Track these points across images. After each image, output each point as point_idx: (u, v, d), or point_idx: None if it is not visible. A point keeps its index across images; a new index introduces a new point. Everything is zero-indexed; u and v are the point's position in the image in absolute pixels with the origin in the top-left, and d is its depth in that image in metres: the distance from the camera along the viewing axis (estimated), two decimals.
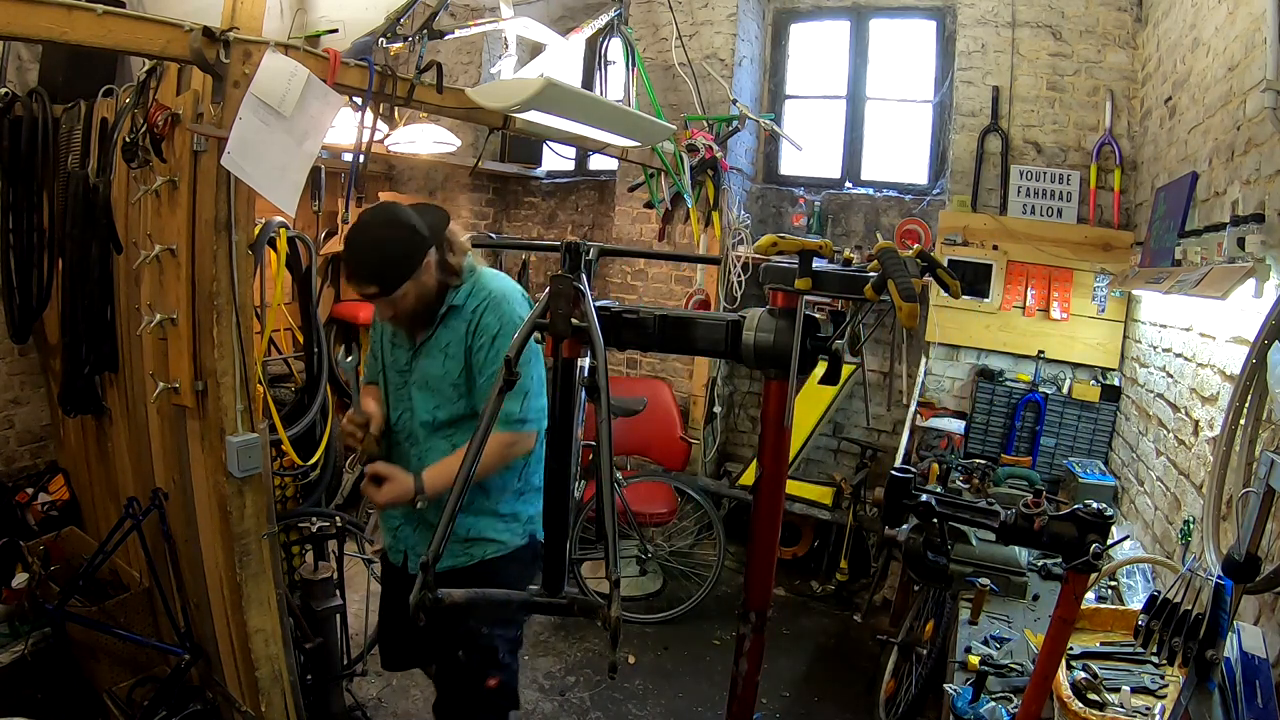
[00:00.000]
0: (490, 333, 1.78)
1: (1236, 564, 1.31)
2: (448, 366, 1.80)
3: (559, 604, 1.08)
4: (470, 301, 1.81)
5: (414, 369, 1.85)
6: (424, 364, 1.84)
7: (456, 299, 1.81)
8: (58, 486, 3.15)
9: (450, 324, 1.81)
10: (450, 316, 1.81)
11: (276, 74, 1.80)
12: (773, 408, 1.14)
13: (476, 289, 1.82)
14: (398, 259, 1.69)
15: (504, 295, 1.83)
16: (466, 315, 1.80)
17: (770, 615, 1.23)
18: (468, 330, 1.78)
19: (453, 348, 1.80)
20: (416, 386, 1.84)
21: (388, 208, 1.79)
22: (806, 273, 1.05)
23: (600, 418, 1.08)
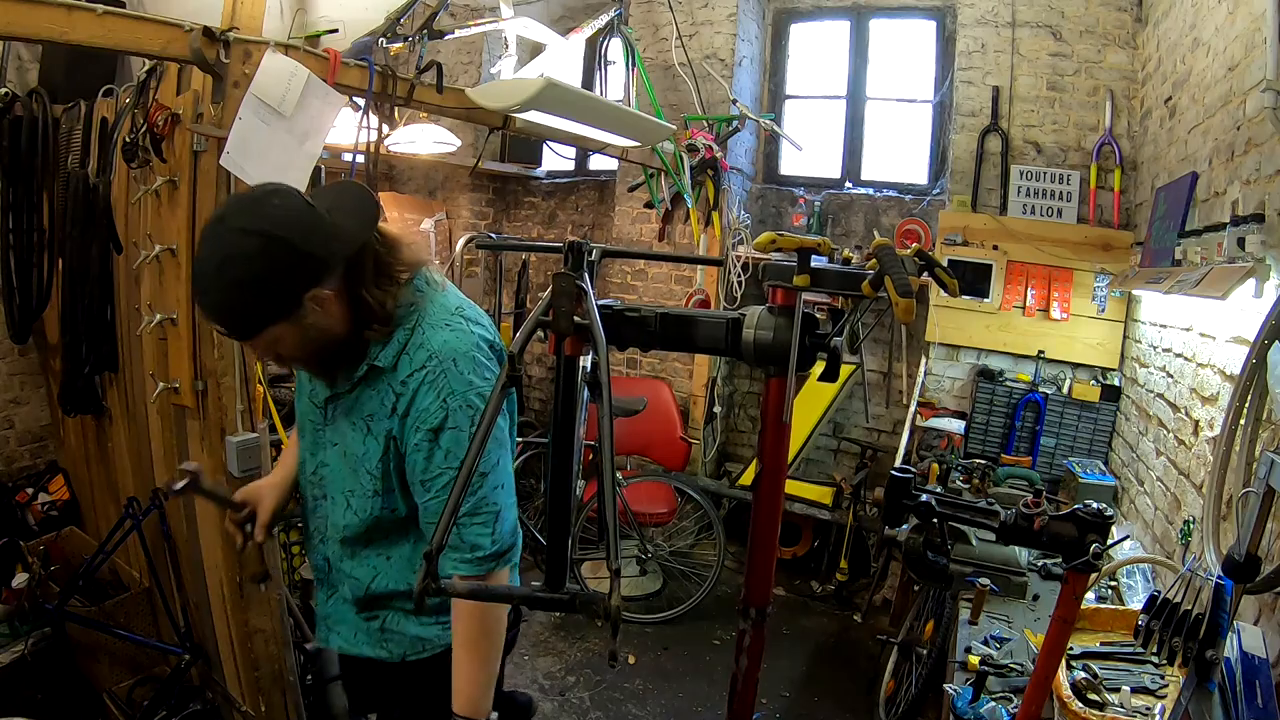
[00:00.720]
0: (430, 423, 1.17)
1: (1236, 564, 1.31)
2: (367, 445, 1.24)
3: (561, 599, 1.08)
4: (403, 365, 1.20)
5: (331, 419, 1.31)
6: (342, 426, 1.28)
7: (381, 358, 1.21)
8: (58, 486, 3.15)
9: (375, 386, 1.23)
10: (373, 378, 1.23)
11: (276, 74, 1.80)
12: (772, 404, 1.15)
13: (414, 343, 1.20)
14: (251, 292, 1.08)
15: (453, 356, 1.19)
16: (396, 384, 1.20)
17: (770, 611, 1.23)
18: (395, 410, 1.20)
19: (376, 422, 1.23)
20: (333, 442, 1.31)
21: (260, 200, 1.12)
22: (805, 270, 1.06)
23: (602, 412, 1.08)
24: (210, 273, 1.09)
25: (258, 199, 1.13)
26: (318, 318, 1.14)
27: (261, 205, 1.10)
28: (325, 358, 1.21)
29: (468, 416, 1.18)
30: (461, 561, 1.20)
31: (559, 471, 1.13)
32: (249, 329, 1.12)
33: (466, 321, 1.25)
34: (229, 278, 1.07)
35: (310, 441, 1.35)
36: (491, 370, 1.23)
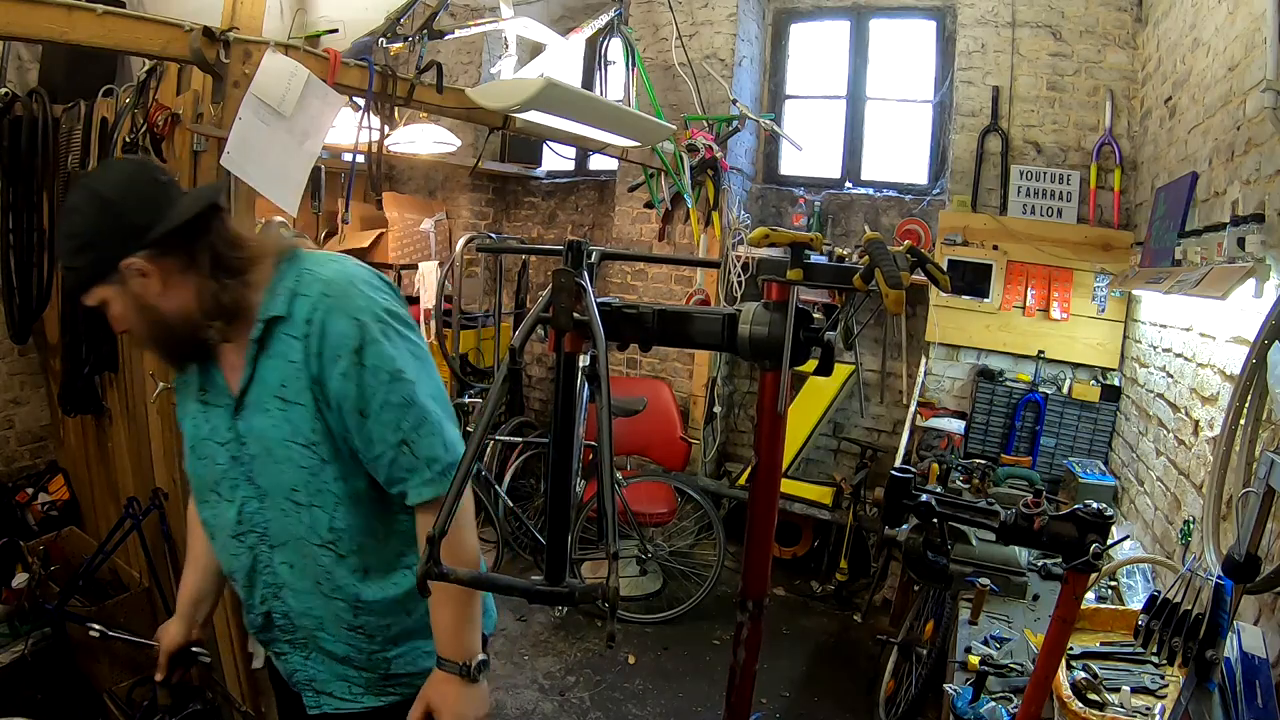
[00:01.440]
0: (350, 345, 1.12)
1: (1236, 564, 1.31)
2: (292, 417, 1.14)
3: (561, 593, 1.08)
4: (300, 307, 1.13)
5: (245, 435, 1.17)
6: (256, 424, 1.16)
7: (275, 307, 1.14)
8: (58, 486, 3.16)
9: (276, 351, 1.14)
10: (272, 340, 1.14)
11: (276, 74, 1.80)
12: (768, 397, 1.16)
13: (304, 284, 1.15)
14: (75, 246, 1.10)
15: (347, 282, 1.16)
16: (299, 329, 1.13)
17: (768, 604, 1.24)
18: (309, 352, 1.12)
19: (290, 385, 1.14)
20: (259, 465, 1.17)
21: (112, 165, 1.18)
22: (798, 264, 1.07)
23: (600, 404, 1.09)
24: (66, 216, 1.12)
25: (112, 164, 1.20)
26: (143, 290, 1.11)
27: (109, 169, 1.18)
28: (162, 341, 1.16)
29: (381, 330, 1.13)
30: (425, 483, 1.15)
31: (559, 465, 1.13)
32: (78, 284, 1.12)
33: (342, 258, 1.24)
34: (64, 229, 1.11)
35: (224, 491, 1.21)
36: (392, 293, 1.21)
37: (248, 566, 1.23)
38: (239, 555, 1.23)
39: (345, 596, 1.21)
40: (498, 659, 3.17)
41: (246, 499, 1.19)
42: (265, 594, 1.24)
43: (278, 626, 1.26)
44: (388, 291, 1.20)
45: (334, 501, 1.17)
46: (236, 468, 1.19)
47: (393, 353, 1.14)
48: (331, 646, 1.23)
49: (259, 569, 1.22)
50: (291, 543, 1.19)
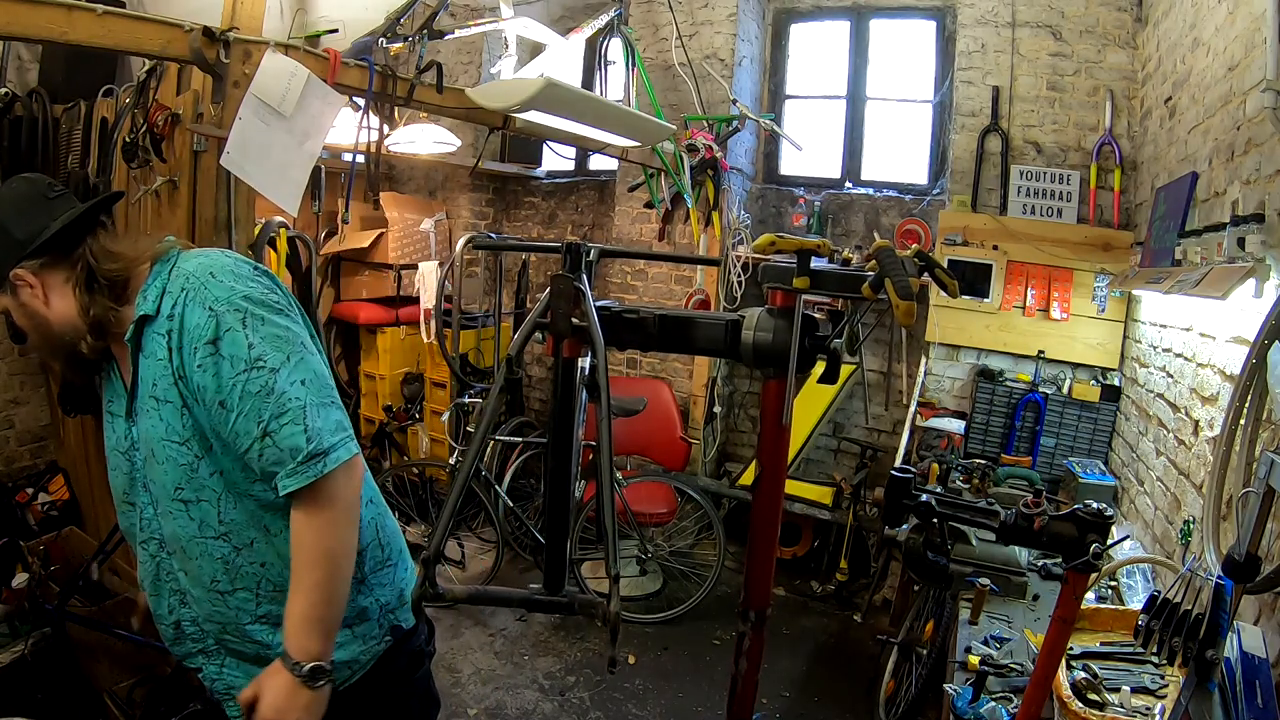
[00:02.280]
0: (205, 336, 1.09)
1: (1236, 564, 1.31)
2: (164, 415, 1.13)
3: (559, 602, 1.08)
4: (165, 303, 1.13)
5: (136, 440, 1.18)
6: (141, 427, 1.16)
7: (144, 306, 1.14)
8: (58, 486, 3.16)
9: (149, 350, 1.14)
10: (146, 340, 1.14)
11: (276, 74, 1.80)
12: (771, 406, 1.14)
13: (171, 279, 1.14)
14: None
15: (209, 270, 1.13)
16: (163, 326, 1.12)
17: (770, 614, 1.23)
18: (170, 349, 1.11)
19: (161, 385, 1.13)
20: (148, 468, 1.17)
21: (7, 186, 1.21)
22: (805, 271, 1.05)
23: (600, 416, 1.08)
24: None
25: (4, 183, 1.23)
26: (30, 301, 1.15)
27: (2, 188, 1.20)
28: (52, 351, 1.22)
29: (239, 318, 1.10)
30: (289, 474, 1.08)
31: (557, 474, 1.12)
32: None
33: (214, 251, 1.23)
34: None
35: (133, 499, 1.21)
36: (260, 281, 1.16)
37: (153, 574, 1.23)
38: (145, 564, 1.23)
39: (247, 585, 1.17)
40: (497, 659, 3.18)
41: (145, 505, 1.20)
42: (172, 602, 1.23)
43: (189, 636, 1.24)
44: (255, 279, 1.16)
45: (216, 497, 1.15)
46: (135, 473, 1.20)
47: (251, 340, 1.09)
48: (240, 647, 1.21)
49: (162, 576, 1.22)
50: (185, 546, 1.17)
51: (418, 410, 4.51)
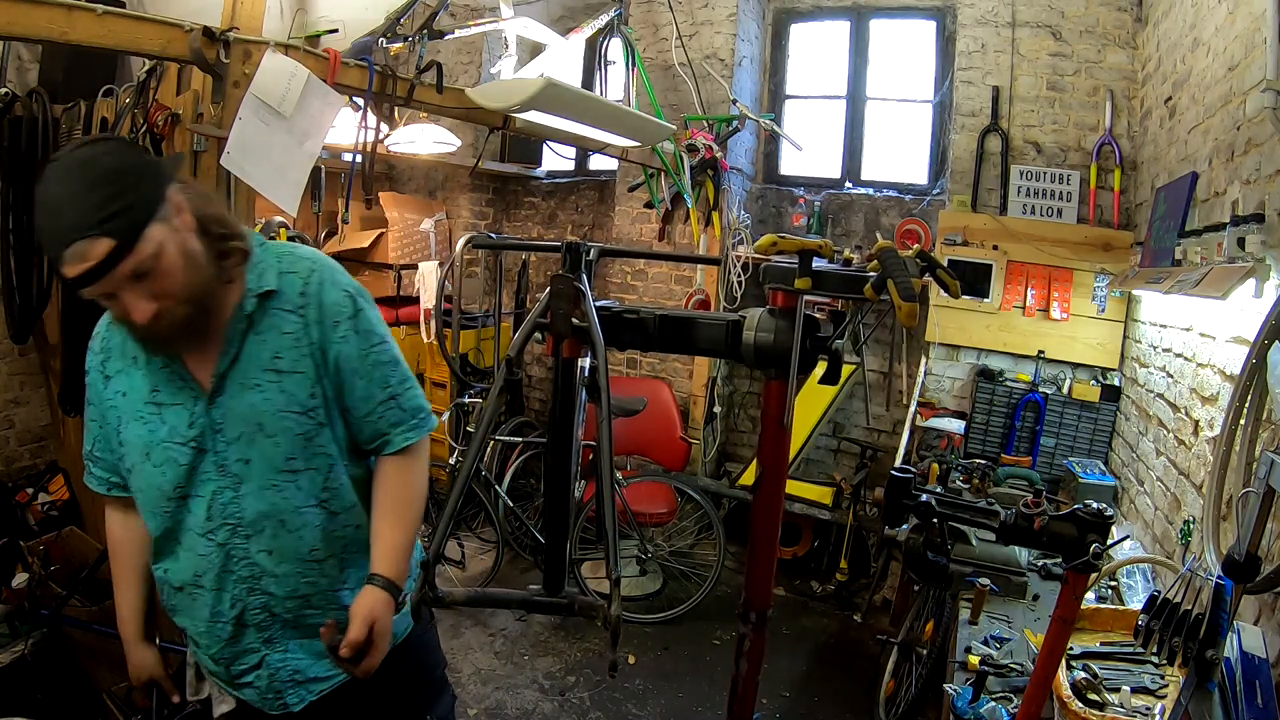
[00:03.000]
0: (345, 312, 1.20)
1: (1236, 564, 1.31)
2: (290, 390, 1.17)
3: (559, 604, 1.08)
4: (290, 282, 1.19)
5: (221, 421, 1.17)
6: (241, 403, 1.16)
7: (267, 283, 1.18)
8: (58, 486, 3.15)
9: (266, 326, 1.18)
10: (262, 315, 1.18)
11: (276, 74, 1.80)
12: (773, 407, 1.14)
13: (286, 262, 1.21)
14: (129, 184, 1.01)
15: (324, 260, 1.25)
16: (293, 301, 1.18)
17: (770, 615, 1.23)
18: (305, 324, 1.18)
19: (288, 358, 1.17)
20: (240, 447, 1.17)
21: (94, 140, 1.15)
22: (806, 272, 1.05)
23: (601, 417, 1.08)
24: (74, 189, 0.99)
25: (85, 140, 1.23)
26: (184, 231, 1.07)
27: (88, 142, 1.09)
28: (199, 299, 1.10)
29: (366, 301, 1.25)
30: (410, 429, 1.25)
31: (557, 475, 1.13)
32: (134, 224, 1.00)
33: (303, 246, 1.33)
34: (97, 173, 1.00)
35: (192, 491, 1.18)
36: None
37: (218, 566, 1.20)
38: (207, 555, 1.19)
39: (336, 551, 1.24)
40: (498, 659, 3.17)
41: (218, 491, 1.18)
42: (238, 592, 1.21)
43: (253, 626, 1.23)
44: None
45: (328, 464, 1.22)
46: (204, 460, 1.17)
47: (375, 318, 1.26)
48: (317, 619, 1.22)
49: (232, 564, 1.20)
50: (286, 518, 1.19)
51: None
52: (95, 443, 1.26)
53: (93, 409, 1.24)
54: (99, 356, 1.23)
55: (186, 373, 1.17)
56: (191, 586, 1.22)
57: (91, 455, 1.27)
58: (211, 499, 1.18)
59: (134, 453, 1.19)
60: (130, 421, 1.19)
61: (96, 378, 1.23)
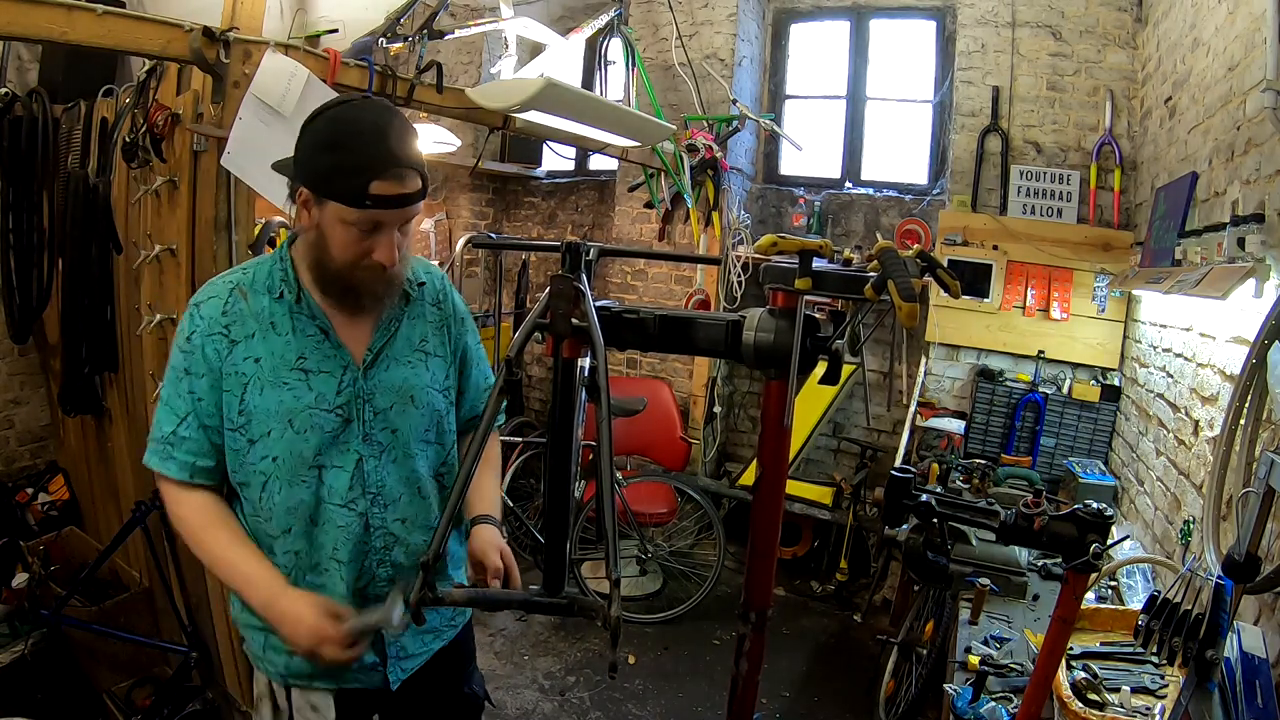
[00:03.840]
0: (466, 314, 1.43)
1: (1236, 564, 1.31)
2: (432, 368, 1.32)
3: (559, 604, 1.07)
4: (430, 279, 1.37)
5: (371, 392, 1.24)
6: (394, 376, 1.26)
7: (418, 274, 1.35)
8: (58, 486, 3.15)
9: (415, 312, 1.32)
10: (415, 302, 1.33)
11: (276, 74, 1.80)
12: (773, 407, 1.14)
13: (420, 263, 1.40)
14: (418, 156, 1.16)
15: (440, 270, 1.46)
16: (431, 297, 1.36)
17: (770, 615, 1.23)
18: (443, 318, 1.36)
19: (432, 342, 1.33)
20: (390, 417, 1.26)
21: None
22: (807, 273, 1.05)
23: (600, 417, 1.08)
24: (397, 127, 1.12)
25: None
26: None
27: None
28: (405, 270, 1.26)
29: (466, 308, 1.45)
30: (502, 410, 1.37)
31: (557, 476, 1.12)
32: (426, 182, 1.17)
33: None
34: (409, 126, 1.15)
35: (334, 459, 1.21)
36: None
37: (358, 534, 1.23)
38: (348, 525, 1.22)
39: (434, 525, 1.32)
40: (498, 659, 3.17)
41: (364, 458, 1.23)
42: (372, 562, 1.26)
43: (374, 599, 1.24)
44: None
45: (452, 441, 1.38)
46: (350, 429, 1.22)
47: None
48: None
49: (371, 533, 1.25)
50: (422, 484, 1.31)
51: None
52: (185, 419, 1.18)
53: (190, 380, 1.17)
54: (220, 322, 1.18)
55: (339, 342, 1.22)
56: (329, 560, 1.23)
57: (174, 436, 1.18)
58: (355, 468, 1.23)
59: (270, 419, 1.18)
60: (268, 387, 1.18)
61: (210, 344, 1.17)
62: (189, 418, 1.18)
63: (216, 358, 1.17)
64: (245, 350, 1.18)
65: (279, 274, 1.22)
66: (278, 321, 1.20)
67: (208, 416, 1.18)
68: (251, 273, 1.23)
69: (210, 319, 1.19)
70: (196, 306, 1.20)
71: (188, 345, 1.18)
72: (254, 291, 1.20)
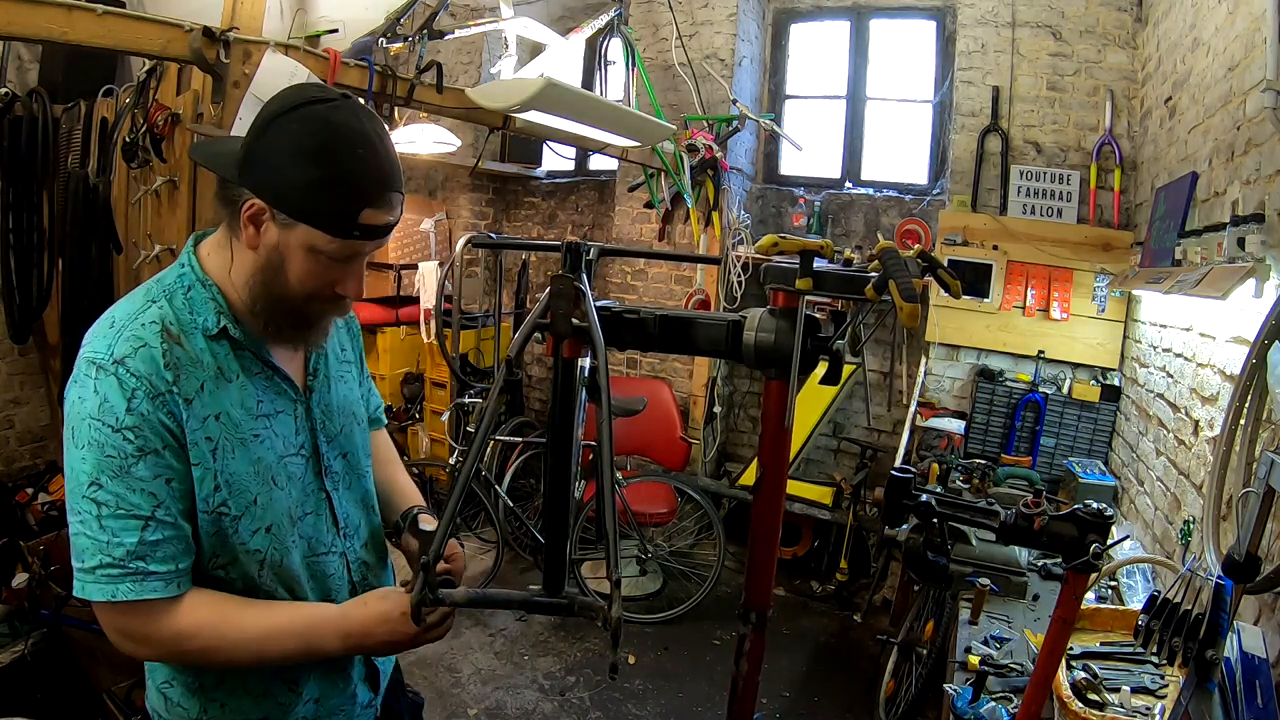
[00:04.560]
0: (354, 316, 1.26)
1: (1236, 564, 1.31)
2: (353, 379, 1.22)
3: (559, 604, 1.07)
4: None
5: (321, 418, 1.10)
6: (336, 395, 1.14)
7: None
8: (58, 486, 3.15)
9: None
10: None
11: (276, 74, 1.80)
12: (773, 407, 1.14)
13: None
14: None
15: None
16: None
17: (771, 616, 1.23)
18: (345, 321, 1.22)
19: (348, 351, 1.23)
20: (340, 442, 1.13)
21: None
22: (808, 273, 1.05)
23: (601, 418, 1.08)
24: (386, 143, 0.99)
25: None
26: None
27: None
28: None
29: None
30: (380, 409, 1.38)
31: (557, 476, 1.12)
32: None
33: None
34: (392, 141, 1.03)
35: (310, 507, 1.07)
36: None
37: (344, 578, 1.12)
38: (337, 572, 1.11)
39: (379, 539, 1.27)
40: (497, 659, 3.18)
41: (330, 495, 1.10)
42: (355, 595, 1.13)
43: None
44: None
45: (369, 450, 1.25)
46: (315, 466, 1.08)
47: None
48: (384, 575, 1.30)
49: (352, 570, 1.14)
50: (365, 516, 1.19)
51: (418, 410, 4.51)
52: (153, 518, 0.89)
53: (148, 461, 0.89)
54: (165, 377, 0.91)
55: (283, 372, 1.04)
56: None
57: (142, 547, 0.89)
58: (327, 509, 1.10)
59: (253, 483, 0.98)
60: (238, 446, 0.97)
61: (161, 408, 0.90)
62: (159, 511, 0.90)
63: (174, 422, 0.91)
64: (201, 408, 0.94)
65: (209, 305, 0.97)
66: (224, 365, 0.97)
67: (183, 498, 0.92)
68: (165, 305, 0.96)
69: (149, 376, 0.90)
70: (119, 364, 0.89)
71: (128, 418, 0.88)
72: (185, 332, 0.95)
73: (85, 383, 0.89)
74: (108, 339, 0.92)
